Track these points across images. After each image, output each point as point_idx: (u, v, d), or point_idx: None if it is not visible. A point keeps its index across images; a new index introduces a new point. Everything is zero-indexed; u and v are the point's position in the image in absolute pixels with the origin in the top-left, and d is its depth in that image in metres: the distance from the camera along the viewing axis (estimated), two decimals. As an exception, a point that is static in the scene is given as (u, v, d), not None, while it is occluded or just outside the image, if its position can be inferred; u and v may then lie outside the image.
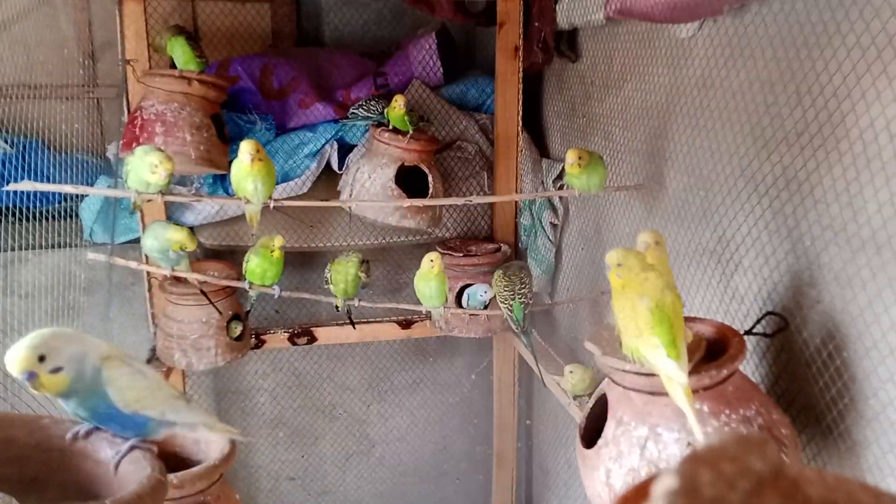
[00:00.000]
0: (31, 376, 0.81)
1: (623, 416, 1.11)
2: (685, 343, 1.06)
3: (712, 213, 1.44)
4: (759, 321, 1.27)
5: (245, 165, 1.59)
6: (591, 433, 1.19)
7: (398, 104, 2.00)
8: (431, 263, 1.80)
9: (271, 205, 1.66)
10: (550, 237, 2.28)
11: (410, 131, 2.07)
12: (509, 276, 1.88)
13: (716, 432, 1.04)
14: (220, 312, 1.98)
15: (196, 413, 0.95)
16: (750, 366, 1.33)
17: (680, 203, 1.58)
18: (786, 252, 1.25)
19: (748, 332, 1.25)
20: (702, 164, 1.49)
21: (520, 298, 1.85)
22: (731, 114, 1.39)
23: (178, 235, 1.68)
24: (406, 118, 2.03)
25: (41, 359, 0.81)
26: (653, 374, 1.06)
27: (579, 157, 1.65)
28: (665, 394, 1.07)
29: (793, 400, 1.24)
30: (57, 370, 0.82)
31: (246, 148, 1.58)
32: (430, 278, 1.81)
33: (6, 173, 2.26)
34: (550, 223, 2.26)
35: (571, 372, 1.84)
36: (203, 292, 1.92)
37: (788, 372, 1.25)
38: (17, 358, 0.81)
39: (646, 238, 1.24)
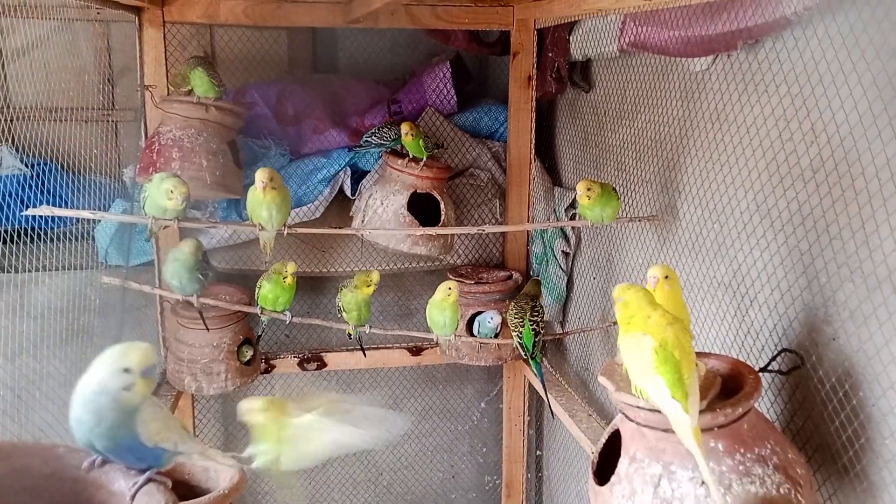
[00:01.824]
0: (152, 370, 0.87)
1: (636, 452, 1.10)
2: (696, 380, 1.05)
3: (727, 247, 1.44)
4: (774, 358, 1.26)
5: (258, 194, 1.61)
6: (604, 469, 1.18)
7: (408, 132, 2.02)
8: (448, 292, 1.80)
9: (284, 232, 1.68)
10: (562, 266, 2.27)
11: (425, 157, 2.08)
12: (520, 305, 1.88)
13: (737, 497, 1.03)
14: (207, 329, 1.98)
15: (199, 445, 0.96)
16: (765, 403, 1.32)
17: (694, 236, 1.57)
18: (801, 288, 1.24)
19: (763, 370, 1.24)
20: (716, 197, 1.49)
21: (530, 325, 1.85)
22: (745, 148, 1.39)
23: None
24: (421, 144, 2.04)
25: None
26: (667, 412, 1.05)
27: (588, 189, 1.65)
28: (679, 431, 1.06)
29: (808, 439, 1.22)
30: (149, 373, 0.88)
31: (259, 176, 1.60)
32: (444, 307, 1.81)
33: (24, 195, 2.28)
34: (562, 252, 2.26)
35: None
36: (200, 312, 1.93)
37: (804, 410, 1.24)
38: (146, 350, 0.87)
39: (655, 273, 1.23)
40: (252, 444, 1.17)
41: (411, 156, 2.11)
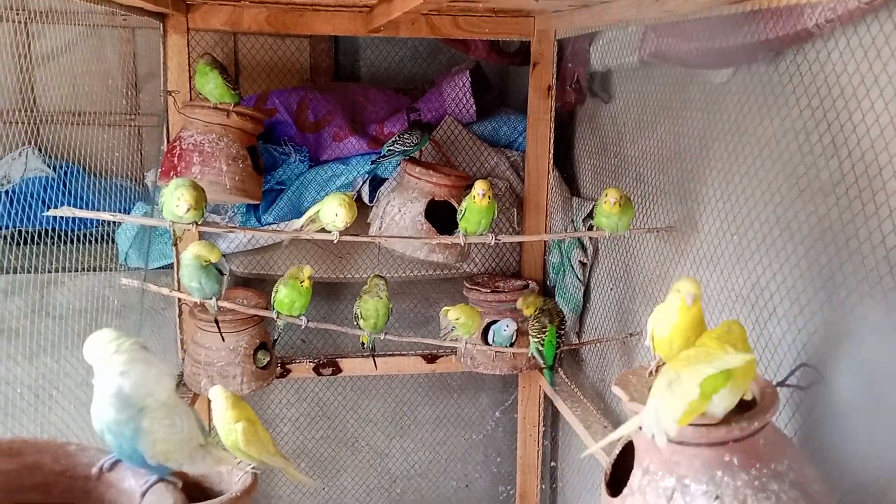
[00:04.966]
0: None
1: (650, 465, 1.09)
2: (733, 395, 1.03)
3: (746, 259, 1.42)
4: (792, 372, 1.24)
5: (348, 207, 1.64)
6: (617, 480, 1.16)
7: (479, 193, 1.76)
8: (457, 320, 1.89)
9: (336, 239, 1.70)
10: (579, 276, 2.26)
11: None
12: (545, 315, 1.89)
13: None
14: (223, 339, 2.00)
15: (208, 465, 0.96)
16: (783, 418, 1.30)
17: (713, 248, 1.56)
18: (821, 302, 1.22)
19: (781, 384, 1.23)
20: (735, 209, 1.48)
21: (556, 336, 1.85)
22: (766, 160, 1.38)
23: (201, 251, 1.71)
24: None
25: None
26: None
27: (620, 197, 1.66)
28: (694, 444, 1.05)
29: (827, 455, 1.20)
30: None
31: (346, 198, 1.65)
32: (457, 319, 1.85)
33: (47, 197, 2.32)
34: (579, 262, 2.25)
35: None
36: (216, 320, 1.94)
37: (822, 426, 1.22)
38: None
39: (692, 290, 1.13)
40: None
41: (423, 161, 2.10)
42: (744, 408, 1.10)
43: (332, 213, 1.66)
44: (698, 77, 1.63)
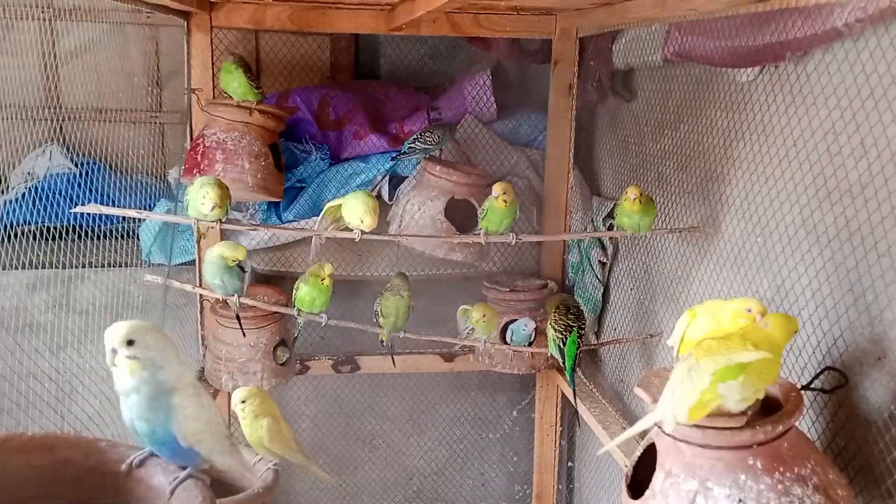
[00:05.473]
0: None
1: (672, 467, 1.09)
2: (739, 391, 1.03)
3: (771, 261, 1.41)
4: (817, 376, 1.23)
5: (372, 212, 1.66)
6: (638, 482, 1.16)
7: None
8: (483, 317, 1.90)
9: (358, 238, 1.71)
10: (598, 275, 2.26)
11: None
12: (568, 315, 1.87)
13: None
14: (244, 335, 2.01)
15: (234, 458, 0.97)
16: (806, 422, 1.29)
17: (736, 249, 1.55)
18: (847, 306, 1.21)
19: (805, 388, 1.22)
20: (760, 210, 1.46)
21: (577, 337, 1.84)
22: (792, 161, 1.36)
23: (227, 251, 1.72)
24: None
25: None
26: (705, 427, 1.04)
27: (640, 195, 1.65)
28: (717, 447, 1.04)
29: (850, 460, 1.19)
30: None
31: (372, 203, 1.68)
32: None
33: (72, 193, 2.35)
34: (599, 261, 2.24)
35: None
36: (237, 316, 1.95)
37: (847, 430, 1.21)
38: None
39: (761, 310, 1.10)
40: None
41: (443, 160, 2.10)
42: (768, 411, 1.10)
43: (356, 217, 1.66)
44: (723, 76, 1.62)
